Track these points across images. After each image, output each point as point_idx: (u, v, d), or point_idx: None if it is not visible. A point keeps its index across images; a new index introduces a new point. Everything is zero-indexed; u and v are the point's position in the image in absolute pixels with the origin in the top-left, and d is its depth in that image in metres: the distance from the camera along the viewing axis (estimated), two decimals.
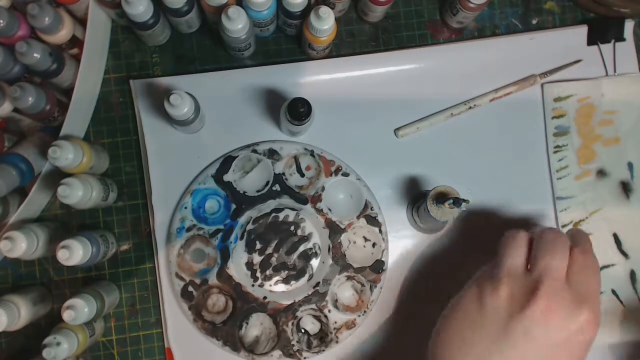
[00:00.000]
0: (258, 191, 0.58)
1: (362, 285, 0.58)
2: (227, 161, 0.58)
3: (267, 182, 0.58)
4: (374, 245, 0.59)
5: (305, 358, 0.57)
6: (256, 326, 0.58)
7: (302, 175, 0.59)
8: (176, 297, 0.57)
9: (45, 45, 0.50)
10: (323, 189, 0.58)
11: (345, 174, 0.58)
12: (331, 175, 0.58)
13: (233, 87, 0.59)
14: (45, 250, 0.53)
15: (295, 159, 0.59)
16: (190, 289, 0.57)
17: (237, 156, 0.58)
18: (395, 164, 0.60)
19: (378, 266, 0.58)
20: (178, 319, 0.57)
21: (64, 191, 0.50)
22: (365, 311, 0.57)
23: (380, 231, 0.58)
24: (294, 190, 0.58)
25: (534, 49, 0.61)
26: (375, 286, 0.58)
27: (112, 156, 0.59)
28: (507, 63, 0.61)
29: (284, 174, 0.58)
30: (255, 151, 0.58)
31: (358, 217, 0.58)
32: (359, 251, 0.59)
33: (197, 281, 0.57)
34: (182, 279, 0.57)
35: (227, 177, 0.58)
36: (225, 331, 0.57)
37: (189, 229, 0.57)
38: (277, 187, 0.58)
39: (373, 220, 0.58)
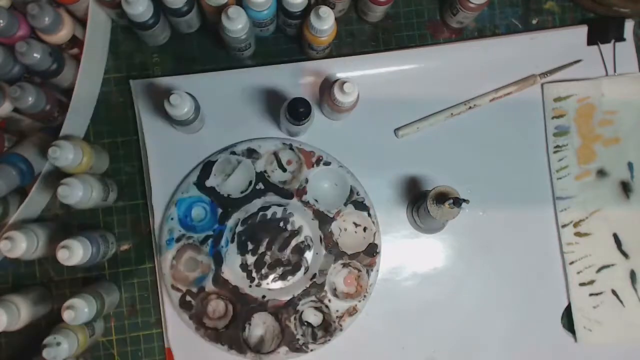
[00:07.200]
0: (242, 192, 0.58)
1: (359, 270, 0.58)
2: (207, 167, 0.58)
3: (250, 182, 0.58)
4: (365, 229, 0.59)
5: (312, 350, 0.57)
6: (259, 326, 0.58)
7: (284, 170, 0.59)
8: (175, 309, 0.57)
9: (45, 45, 0.50)
10: (307, 181, 0.58)
11: (327, 163, 0.58)
12: (313, 166, 0.58)
13: (233, 87, 0.59)
14: (45, 250, 0.53)
15: (275, 155, 0.59)
16: (188, 298, 0.57)
17: (217, 160, 0.58)
18: (395, 164, 0.60)
19: (372, 249, 0.58)
20: (179, 322, 0.57)
21: (64, 191, 0.50)
22: (365, 296, 0.57)
23: (369, 214, 0.58)
24: (277, 186, 0.58)
25: (534, 49, 0.61)
26: (372, 269, 0.58)
27: (112, 156, 0.59)
28: (507, 63, 0.61)
29: (265, 171, 0.58)
30: (233, 153, 0.58)
31: (345, 204, 0.58)
32: (351, 237, 0.59)
33: (194, 290, 0.57)
34: (178, 289, 0.57)
35: (209, 183, 0.58)
36: (229, 335, 0.56)
37: (178, 239, 0.57)
38: (260, 186, 0.58)
39: (361, 205, 0.58)
